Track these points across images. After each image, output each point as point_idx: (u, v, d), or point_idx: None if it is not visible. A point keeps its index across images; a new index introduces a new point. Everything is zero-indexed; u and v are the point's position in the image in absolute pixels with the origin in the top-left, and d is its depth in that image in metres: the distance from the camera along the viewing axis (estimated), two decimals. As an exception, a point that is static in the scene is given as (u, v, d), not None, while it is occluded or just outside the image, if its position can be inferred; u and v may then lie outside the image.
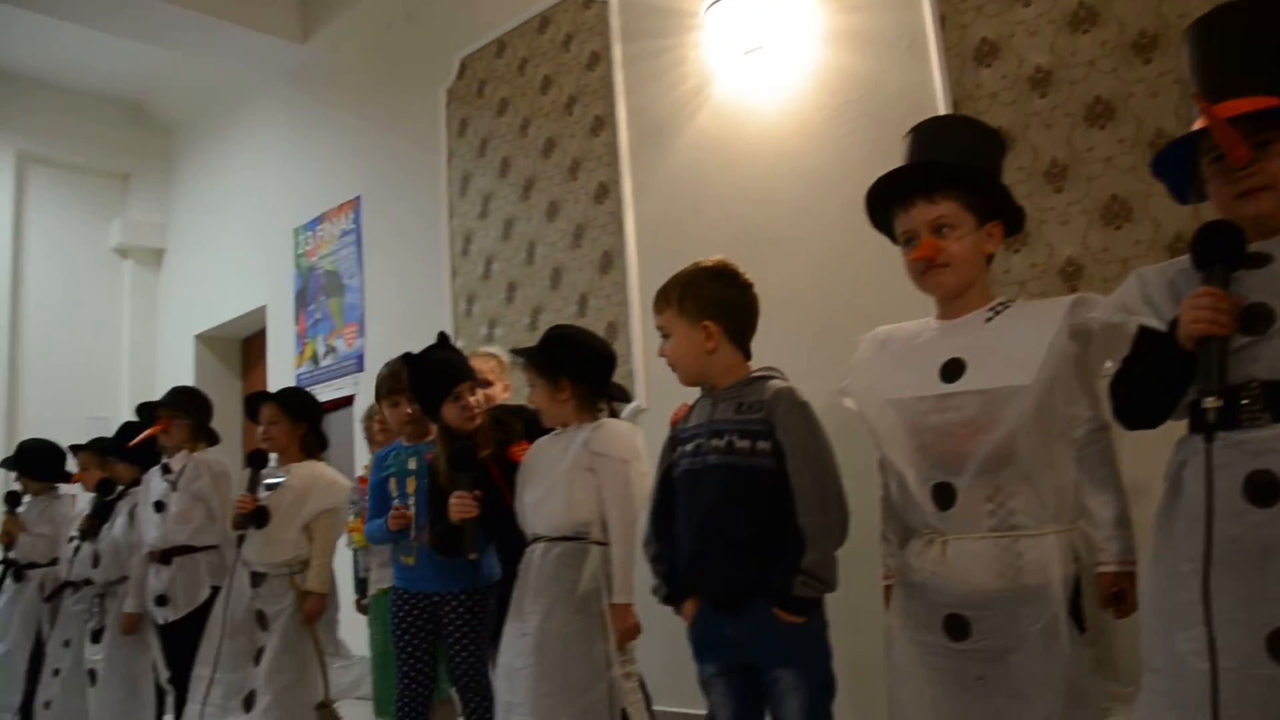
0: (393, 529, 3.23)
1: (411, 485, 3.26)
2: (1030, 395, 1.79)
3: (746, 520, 2.18)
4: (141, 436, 4.32)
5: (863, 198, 2.06)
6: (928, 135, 2.04)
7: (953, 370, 1.88)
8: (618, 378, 3.02)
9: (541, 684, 2.59)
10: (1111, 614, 1.81)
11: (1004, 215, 1.98)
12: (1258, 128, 1.53)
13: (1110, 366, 1.76)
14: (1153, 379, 1.62)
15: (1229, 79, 1.57)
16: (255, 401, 3.92)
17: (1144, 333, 1.64)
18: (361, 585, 4.17)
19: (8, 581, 5.01)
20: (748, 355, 2.38)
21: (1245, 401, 1.49)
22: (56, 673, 4.52)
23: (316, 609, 3.65)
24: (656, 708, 3.09)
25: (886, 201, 2.01)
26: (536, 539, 2.72)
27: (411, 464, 3.30)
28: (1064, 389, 1.79)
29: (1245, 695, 1.41)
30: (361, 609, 4.09)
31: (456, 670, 3.18)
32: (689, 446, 2.30)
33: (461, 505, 2.91)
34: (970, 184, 1.93)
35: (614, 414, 2.83)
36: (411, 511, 3.21)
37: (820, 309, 3.66)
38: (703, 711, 2.37)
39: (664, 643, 2.70)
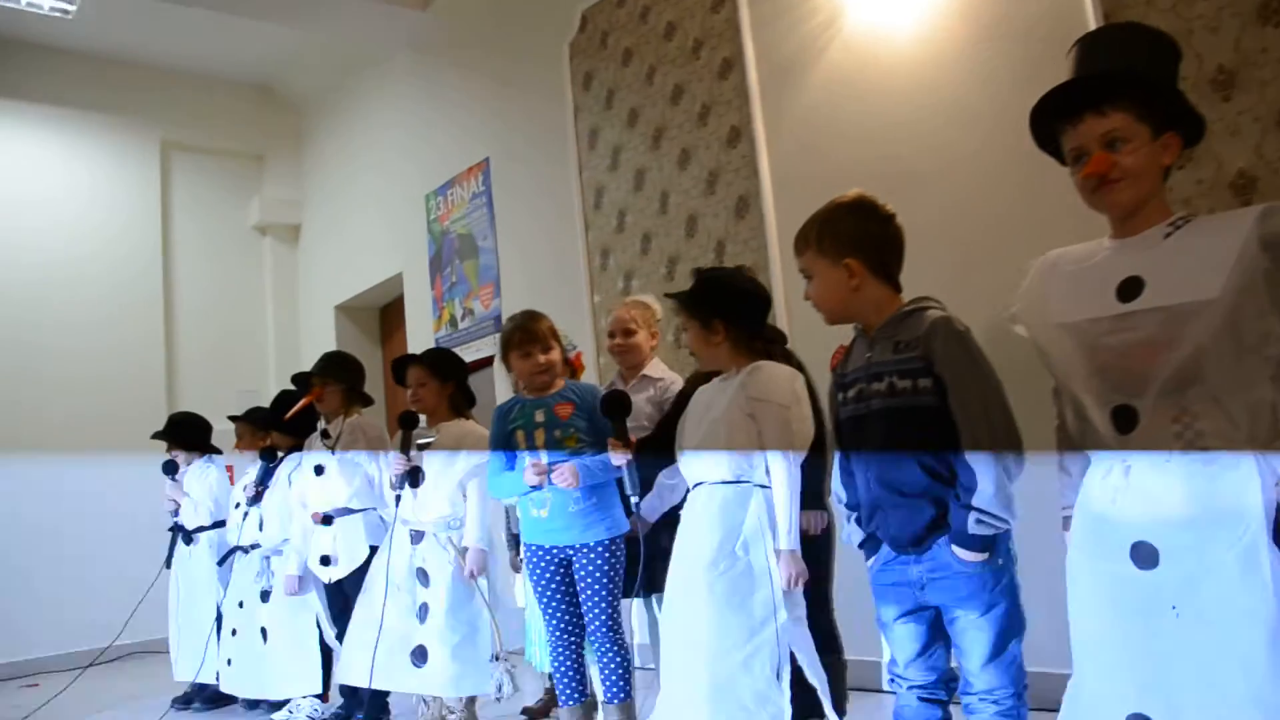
0: (531, 484, 3.28)
1: (541, 438, 3.29)
2: (1217, 310, 1.70)
3: (916, 462, 2.15)
4: (297, 407, 4.53)
5: (1009, 126, 2.00)
6: (1095, 45, 1.95)
7: (1130, 289, 1.80)
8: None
9: (706, 630, 2.61)
10: None
11: (1181, 125, 1.88)
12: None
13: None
14: None
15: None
16: (402, 365, 4.03)
17: None
18: (516, 541, 4.26)
19: (179, 545, 5.32)
20: (897, 289, 2.32)
21: None
22: (234, 632, 4.80)
23: (477, 564, 3.77)
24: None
25: (1052, 119, 1.93)
26: (699, 484, 2.74)
27: (539, 416, 3.33)
28: (1254, 302, 1.69)
29: None
30: (516, 566, 4.20)
31: (591, 625, 3.25)
32: (851, 392, 2.29)
33: (617, 448, 3.02)
34: (1143, 93, 1.84)
35: (773, 358, 2.78)
36: (545, 462, 3.25)
37: (964, 243, 3.57)
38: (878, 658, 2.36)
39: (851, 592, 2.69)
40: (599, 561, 3.23)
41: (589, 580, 3.24)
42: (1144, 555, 1.76)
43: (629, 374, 3.77)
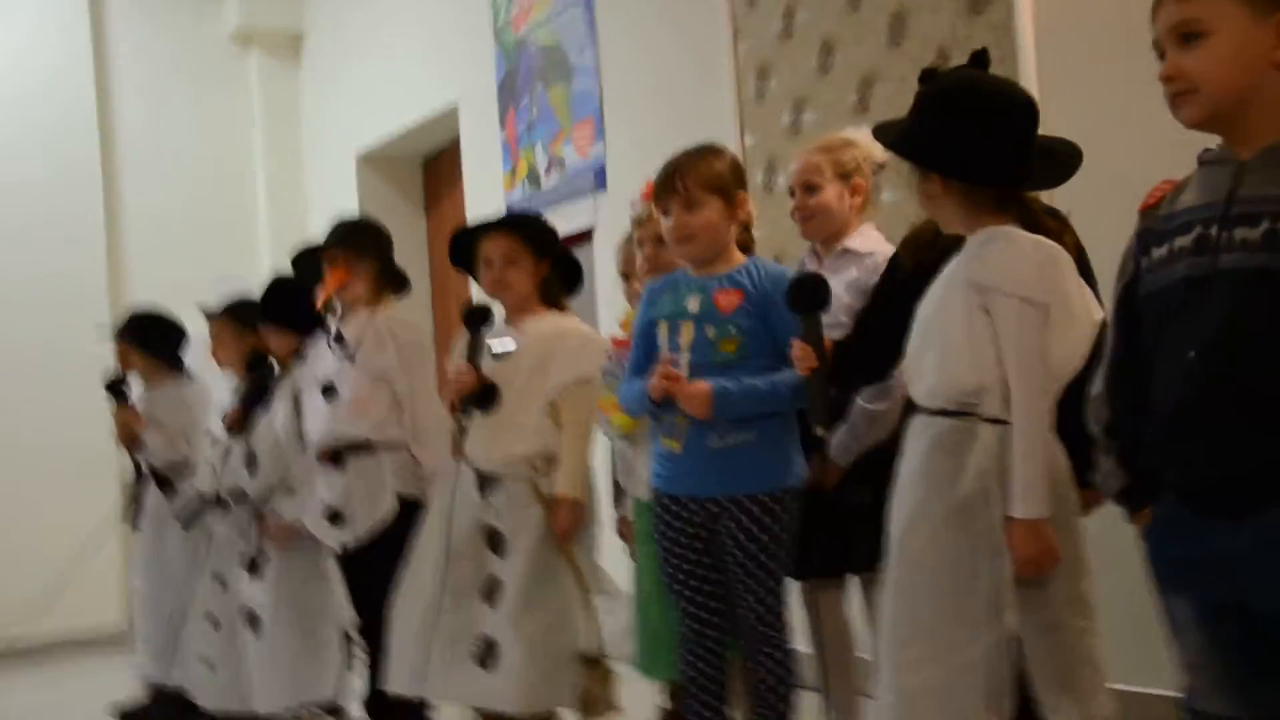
0: (655, 397, 3.31)
1: (688, 334, 3.32)
2: None
3: None
4: (326, 293, 4.46)
5: None
6: None
7: None
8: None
9: (898, 628, 2.65)
10: None
11: None
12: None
13: None
14: None
15: None
16: (468, 237, 4.07)
17: None
18: (620, 493, 4.37)
19: (149, 494, 5.54)
20: None
21: None
22: (216, 624, 4.97)
23: (572, 521, 3.83)
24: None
25: None
26: (914, 410, 2.76)
27: (693, 305, 3.36)
28: None
29: None
30: (622, 533, 4.32)
31: (741, 612, 3.34)
32: (1186, 240, 2.12)
33: (804, 355, 3.06)
34: None
35: (1030, 221, 2.68)
36: (683, 370, 3.29)
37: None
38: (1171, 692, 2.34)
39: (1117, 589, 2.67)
40: (754, 526, 3.28)
41: (739, 553, 3.29)
42: None
43: (824, 250, 3.80)
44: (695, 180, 3.31)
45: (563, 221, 6.56)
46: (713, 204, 3.34)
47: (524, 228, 4.06)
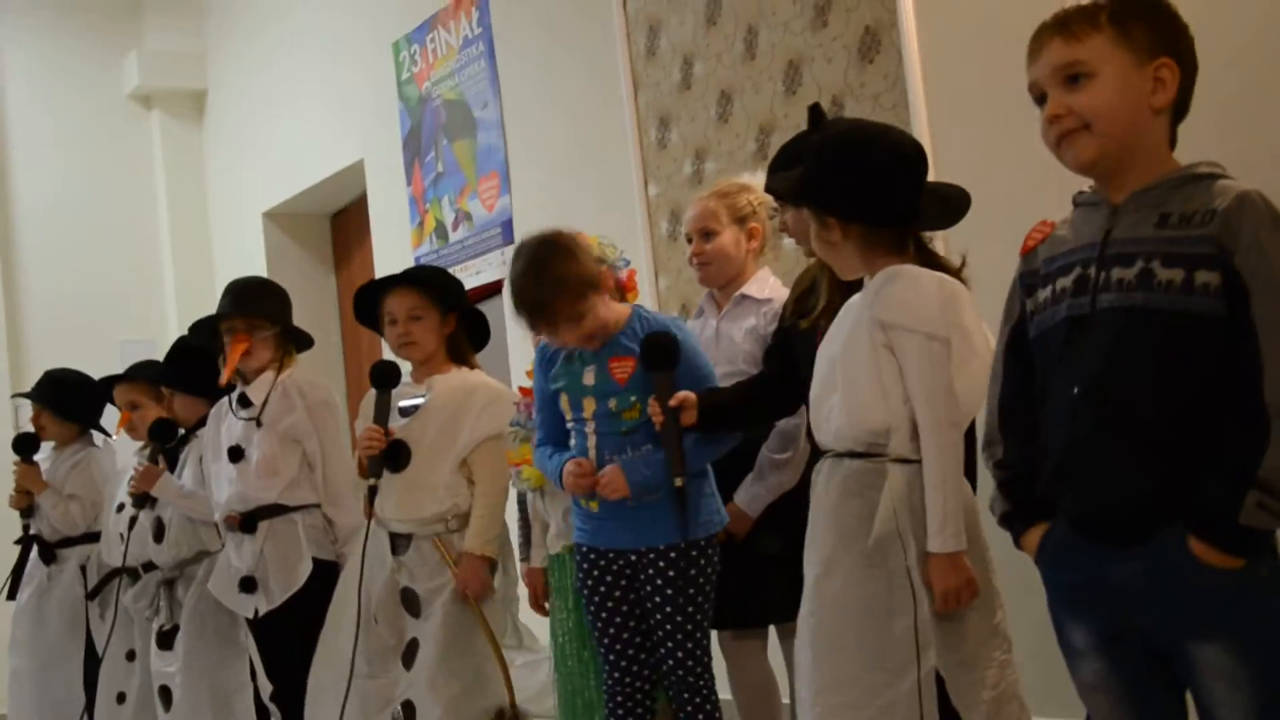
0: (571, 491, 3.38)
1: (591, 408, 3.35)
2: None
3: (1165, 394, 2.05)
4: (230, 365, 4.43)
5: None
6: None
7: None
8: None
9: (817, 674, 2.66)
10: None
11: None
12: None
13: None
14: None
15: None
16: (375, 292, 4.08)
17: None
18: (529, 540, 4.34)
19: (31, 565, 5.43)
20: (1173, 142, 2.23)
21: None
22: (122, 698, 4.92)
23: (478, 577, 3.85)
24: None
25: None
26: (824, 452, 2.77)
27: (589, 379, 3.36)
28: None
29: None
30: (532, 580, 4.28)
31: (663, 660, 3.34)
32: (1066, 280, 2.19)
33: (654, 411, 3.12)
34: None
35: (927, 260, 2.74)
36: (592, 461, 3.32)
37: (1227, 87, 3.57)
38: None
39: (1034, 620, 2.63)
40: (675, 575, 3.29)
41: (661, 602, 3.30)
42: None
43: (722, 298, 3.81)
44: (564, 303, 3.27)
45: (471, 275, 6.61)
46: (584, 304, 3.30)
47: (427, 282, 4.07)
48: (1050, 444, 2.22)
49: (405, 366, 4.10)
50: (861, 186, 2.69)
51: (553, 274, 3.27)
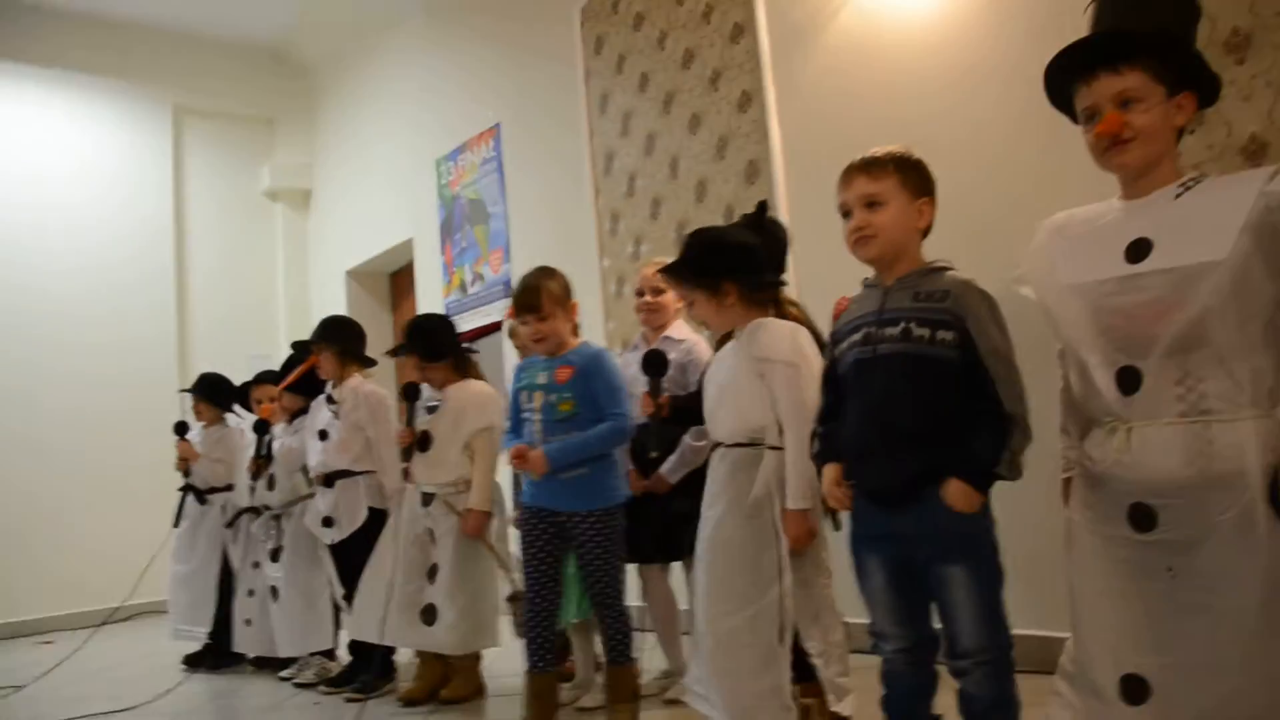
0: (514, 468, 3.33)
1: (539, 400, 3.28)
2: (1225, 271, 1.69)
3: (920, 409, 2.12)
4: (294, 375, 4.61)
5: (1019, 90, 2.00)
6: (1113, 3, 1.94)
7: (1139, 250, 1.80)
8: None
9: (712, 591, 2.65)
10: None
11: (1196, 86, 1.86)
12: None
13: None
14: None
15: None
16: (397, 352, 4.19)
17: None
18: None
19: (188, 505, 5.36)
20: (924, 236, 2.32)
21: None
22: (251, 593, 4.86)
23: (476, 524, 3.82)
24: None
25: (1066, 77, 1.92)
26: (716, 445, 2.75)
27: (541, 378, 3.31)
28: (1263, 264, 1.69)
29: None
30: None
31: (593, 592, 3.27)
32: (856, 335, 2.24)
33: (645, 404, 3.07)
34: (1159, 52, 1.82)
35: (780, 312, 2.75)
36: (538, 441, 3.24)
37: (979, 209, 3.54)
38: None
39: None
40: (594, 532, 3.22)
41: (588, 548, 3.23)
42: (1141, 518, 1.77)
43: (653, 335, 3.73)
44: (538, 303, 3.26)
45: (482, 317, 6.57)
46: (556, 317, 3.29)
47: (414, 342, 4.05)
48: (847, 445, 2.28)
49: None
50: (749, 264, 2.74)
51: (548, 275, 3.33)
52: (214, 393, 5.50)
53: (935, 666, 2.26)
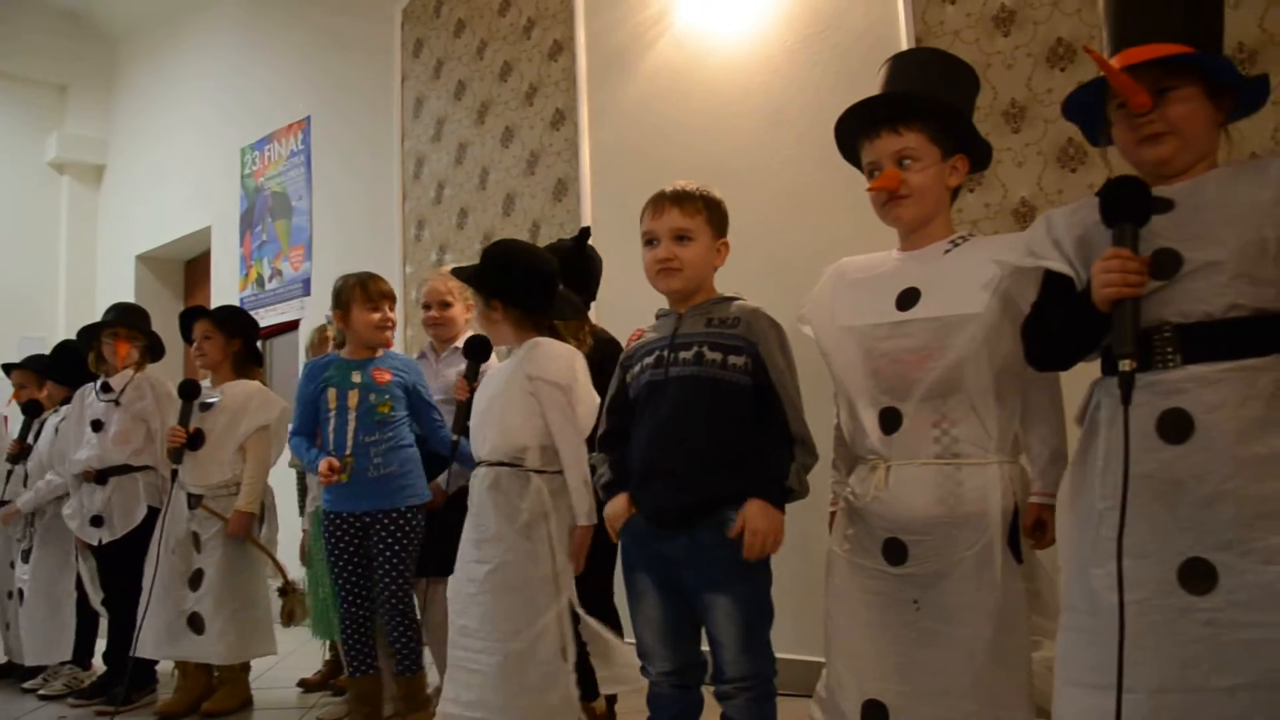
0: (322, 483, 3.22)
1: (354, 399, 3.21)
2: (980, 324, 1.81)
3: (710, 429, 2.13)
4: (120, 359, 4.14)
5: (822, 132, 2.06)
6: (901, 66, 2.04)
7: (908, 299, 1.90)
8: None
9: (495, 612, 2.57)
10: (1032, 545, 1.87)
11: (970, 150, 1.98)
12: (1160, 75, 1.58)
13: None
14: (1063, 328, 1.62)
15: (1138, 25, 1.63)
16: (189, 318, 3.90)
17: (1052, 277, 1.65)
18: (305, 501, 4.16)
19: None
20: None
21: (1157, 344, 1.52)
22: (11, 595, 4.50)
23: (239, 525, 3.68)
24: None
25: (854, 132, 2.00)
26: (480, 462, 2.68)
27: (357, 378, 3.24)
28: (1014, 321, 1.81)
29: (1153, 626, 1.45)
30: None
31: (381, 594, 3.20)
32: (649, 359, 2.25)
33: (461, 390, 3.01)
34: (936, 116, 1.93)
35: (555, 336, 2.72)
36: (351, 423, 3.19)
37: (778, 243, 3.65)
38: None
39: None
40: (395, 531, 3.17)
41: (383, 549, 3.17)
42: (894, 551, 1.86)
43: (441, 347, 3.62)
44: (390, 292, 3.38)
45: (278, 315, 6.32)
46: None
47: (217, 316, 3.92)
48: (635, 465, 2.26)
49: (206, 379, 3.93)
50: (516, 283, 2.67)
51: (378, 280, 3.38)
52: None
53: (701, 691, 2.28)
